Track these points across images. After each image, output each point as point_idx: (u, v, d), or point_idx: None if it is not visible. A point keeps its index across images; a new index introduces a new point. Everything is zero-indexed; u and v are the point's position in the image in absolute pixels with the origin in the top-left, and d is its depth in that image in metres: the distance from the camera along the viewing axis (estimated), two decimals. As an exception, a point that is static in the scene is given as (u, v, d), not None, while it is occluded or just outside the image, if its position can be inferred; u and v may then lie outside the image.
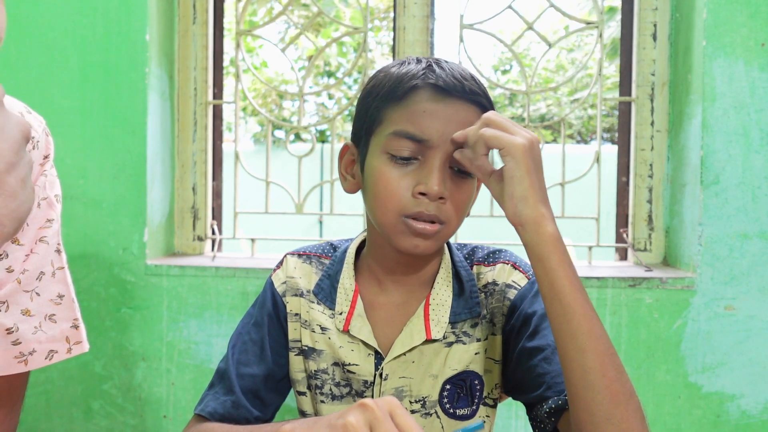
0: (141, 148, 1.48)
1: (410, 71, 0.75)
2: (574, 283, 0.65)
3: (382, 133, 0.75)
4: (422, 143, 0.72)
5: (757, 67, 1.34)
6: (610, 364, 0.63)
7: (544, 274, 0.65)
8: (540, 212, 0.65)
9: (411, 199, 0.73)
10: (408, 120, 0.73)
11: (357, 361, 0.81)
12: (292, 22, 1.94)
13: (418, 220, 0.73)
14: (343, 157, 0.84)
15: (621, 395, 0.62)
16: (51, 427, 1.51)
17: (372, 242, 0.84)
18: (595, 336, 0.63)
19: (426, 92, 0.73)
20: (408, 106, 0.73)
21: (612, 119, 8.21)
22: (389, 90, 0.75)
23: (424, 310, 0.81)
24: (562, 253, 0.65)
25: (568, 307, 0.64)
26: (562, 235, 0.67)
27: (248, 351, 0.84)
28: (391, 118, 0.75)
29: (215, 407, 0.80)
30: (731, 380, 1.37)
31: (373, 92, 0.78)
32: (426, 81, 0.74)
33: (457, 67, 0.77)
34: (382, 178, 0.74)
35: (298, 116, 1.71)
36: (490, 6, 1.79)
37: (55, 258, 0.70)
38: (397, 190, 0.73)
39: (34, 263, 0.67)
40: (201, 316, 1.48)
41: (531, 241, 0.66)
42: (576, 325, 0.64)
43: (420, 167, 0.73)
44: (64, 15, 1.48)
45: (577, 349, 0.64)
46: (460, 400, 0.81)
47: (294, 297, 0.86)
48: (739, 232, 1.36)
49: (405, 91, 0.74)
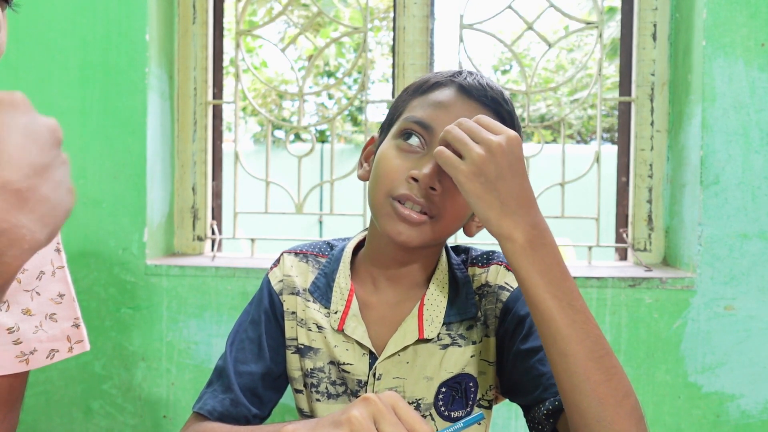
0: (141, 148, 1.48)
1: (443, 73, 0.80)
2: (548, 290, 0.64)
3: (399, 121, 0.78)
4: (428, 130, 0.74)
5: (757, 67, 1.34)
6: (595, 368, 0.62)
7: (520, 283, 0.66)
8: (504, 228, 0.64)
9: (402, 182, 0.73)
10: (423, 108, 0.76)
11: (351, 360, 0.81)
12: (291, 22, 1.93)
13: (404, 205, 0.73)
14: (367, 147, 0.87)
15: (609, 398, 0.62)
16: (51, 427, 1.51)
17: (370, 236, 0.85)
18: (575, 341, 0.63)
19: (449, 89, 0.77)
20: (428, 98, 0.77)
21: (612, 119, 8.21)
22: (418, 86, 0.80)
23: (418, 310, 0.81)
24: (533, 262, 0.64)
25: (544, 313, 0.64)
26: (549, 235, 0.66)
27: (246, 349, 0.84)
28: (410, 108, 0.78)
29: (214, 405, 0.80)
30: (731, 380, 1.37)
31: (406, 90, 0.82)
32: (452, 80, 0.77)
33: (489, 79, 0.79)
34: (384, 159, 0.76)
35: (297, 116, 1.71)
36: (490, 6, 1.79)
37: (54, 257, 0.70)
38: (393, 171, 0.74)
39: (34, 263, 0.67)
40: (201, 316, 1.48)
41: (504, 254, 0.66)
42: (555, 331, 0.63)
43: (423, 156, 0.74)
44: (64, 15, 1.48)
45: (558, 354, 0.64)
46: (455, 402, 0.81)
47: (290, 295, 0.86)
48: (739, 232, 1.36)
49: (430, 86, 0.78)
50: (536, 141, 1.81)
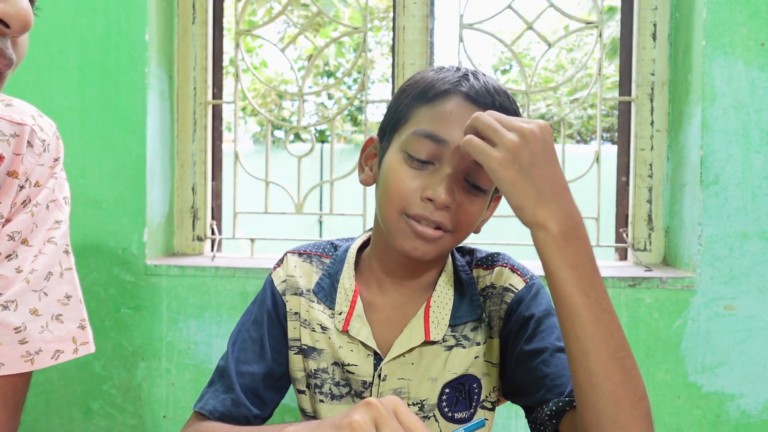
0: (140, 148, 1.48)
1: (446, 77, 0.76)
2: (577, 285, 0.62)
3: (405, 131, 0.76)
4: (441, 144, 0.72)
5: (757, 67, 1.34)
6: (616, 368, 0.62)
7: (547, 276, 0.64)
8: (540, 216, 0.63)
9: (416, 201, 0.72)
10: (432, 120, 0.73)
11: (356, 361, 0.81)
12: (291, 21, 1.93)
13: (420, 223, 0.73)
14: (365, 149, 0.85)
15: (626, 399, 0.62)
16: (51, 427, 1.51)
17: (376, 240, 0.84)
18: (599, 339, 0.62)
19: (456, 98, 0.74)
20: (435, 108, 0.74)
21: (612, 119, 8.22)
22: (421, 91, 0.76)
23: (424, 312, 0.80)
24: (565, 255, 0.63)
25: (570, 309, 0.63)
26: (584, 227, 0.64)
27: (248, 349, 0.84)
28: (416, 118, 0.75)
29: (215, 405, 0.80)
30: (731, 380, 1.37)
31: (406, 91, 0.79)
32: (458, 88, 0.74)
33: (493, 81, 0.77)
34: (394, 175, 0.74)
35: (297, 116, 1.71)
36: (490, 6, 1.79)
37: (63, 259, 0.71)
38: (406, 190, 0.73)
39: (43, 263, 0.68)
40: (201, 316, 1.48)
41: (534, 244, 0.65)
42: (579, 328, 0.62)
43: (434, 172, 0.73)
44: (63, 15, 1.48)
45: (580, 351, 0.63)
46: (458, 403, 0.81)
47: (294, 296, 0.86)
48: (739, 232, 1.36)
49: (436, 94, 0.74)
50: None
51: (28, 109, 0.69)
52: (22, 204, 0.67)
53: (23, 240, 0.67)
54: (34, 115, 0.70)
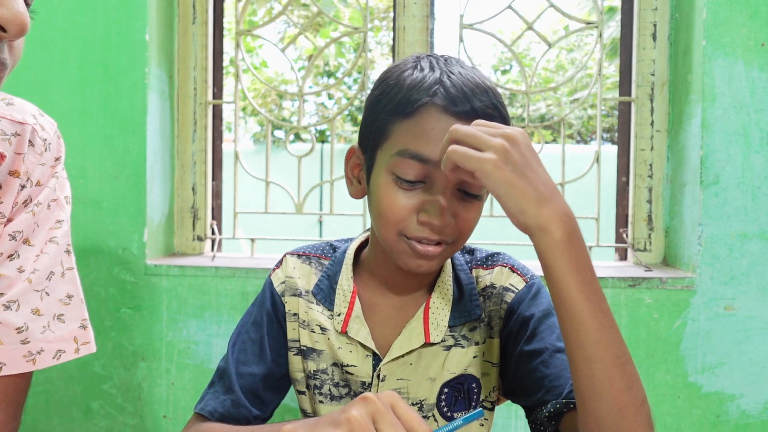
0: (141, 148, 1.48)
1: (421, 84, 0.71)
2: (582, 290, 0.61)
3: (388, 151, 0.73)
4: (428, 163, 0.70)
5: (757, 67, 1.34)
6: (619, 375, 0.61)
7: (551, 282, 0.62)
8: (543, 218, 0.60)
9: (415, 225, 0.72)
10: (414, 138, 0.70)
11: (355, 362, 0.81)
12: (291, 22, 1.94)
13: (421, 242, 0.72)
14: (349, 160, 0.82)
15: (629, 406, 0.61)
16: (51, 427, 1.51)
17: (374, 245, 0.84)
18: (603, 346, 0.61)
19: (435, 110, 0.70)
20: (415, 124, 0.71)
21: (612, 119, 8.21)
22: (398, 104, 0.72)
23: (423, 313, 0.80)
24: (569, 258, 0.60)
25: (575, 316, 0.61)
26: (579, 227, 0.62)
27: (248, 350, 0.84)
28: (397, 135, 0.72)
29: (215, 406, 0.80)
30: (731, 380, 1.37)
31: (381, 102, 0.75)
32: (434, 100, 0.70)
33: (470, 77, 0.72)
34: (387, 199, 0.72)
35: (297, 116, 1.71)
36: (490, 6, 1.79)
37: (65, 258, 0.71)
38: (401, 212, 0.71)
39: (44, 263, 0.68)
40: (201, 316, 1.48)
41: (537, 248, 0.62)
42: (583, 335, 0.61)
43: (426, 190, 0.71)
44: (63, 15, 1.48)
45: (584, 358, 0.61)
46: (457, 403, 0.81)
47: (293, 297, 0.86)
48: (739, 232, 1.36)
49: (413, 109, 0.71)
50: (536, 141, 1.81)
51: (29, 108, 0.69)
52: (23, 203, 0.68)
53: (25, 239, 0.67)
54: (35, 114, 0.70)
